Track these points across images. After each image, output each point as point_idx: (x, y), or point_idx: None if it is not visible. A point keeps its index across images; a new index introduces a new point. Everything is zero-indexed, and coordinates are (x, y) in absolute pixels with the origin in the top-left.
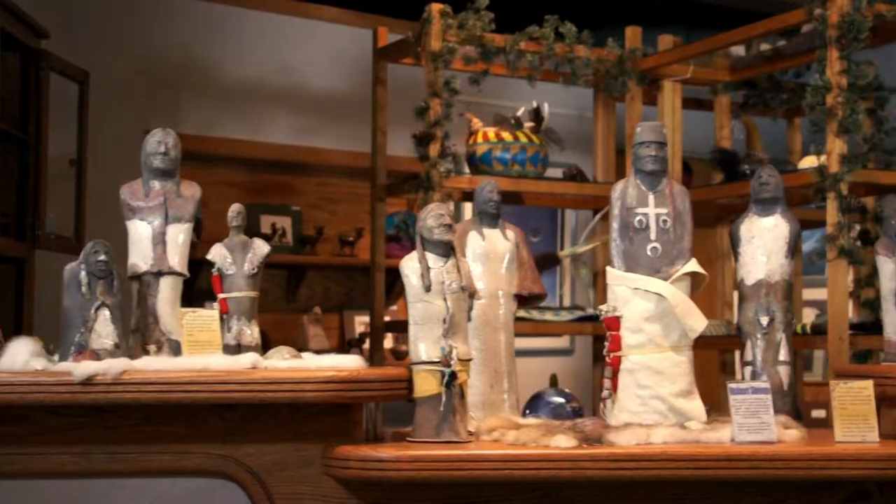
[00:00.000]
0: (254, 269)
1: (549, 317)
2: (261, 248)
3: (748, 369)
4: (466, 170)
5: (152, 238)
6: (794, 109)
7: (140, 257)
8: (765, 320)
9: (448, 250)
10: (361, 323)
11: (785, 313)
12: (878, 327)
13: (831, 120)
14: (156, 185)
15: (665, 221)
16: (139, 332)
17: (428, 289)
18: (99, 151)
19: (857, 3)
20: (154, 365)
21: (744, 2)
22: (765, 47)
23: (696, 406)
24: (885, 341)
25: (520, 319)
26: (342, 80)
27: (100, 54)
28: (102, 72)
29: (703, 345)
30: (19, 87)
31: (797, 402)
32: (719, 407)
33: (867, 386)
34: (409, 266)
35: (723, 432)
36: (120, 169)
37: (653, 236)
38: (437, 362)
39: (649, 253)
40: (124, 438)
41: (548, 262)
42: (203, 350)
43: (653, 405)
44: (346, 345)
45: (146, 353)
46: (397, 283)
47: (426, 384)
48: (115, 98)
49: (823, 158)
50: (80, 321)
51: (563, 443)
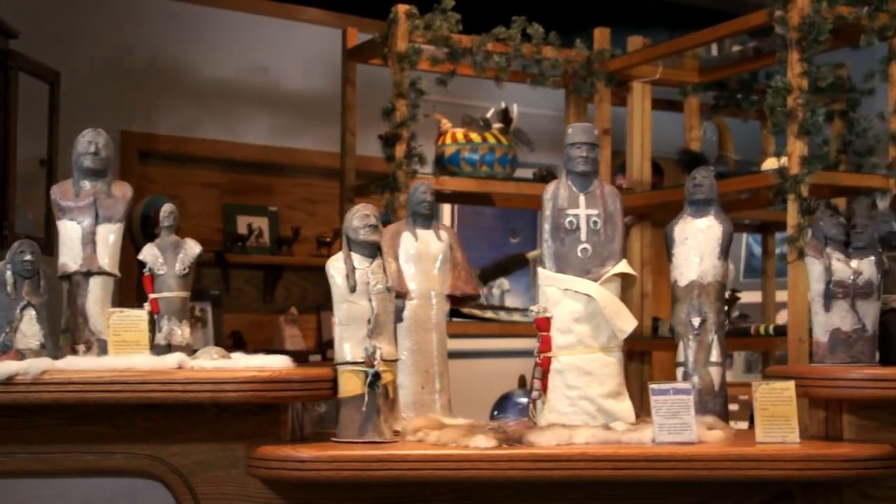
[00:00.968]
0: (185, 269)
1: (517, 318)
2: (192, 248)
3: (680, 370)
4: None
5: (82, 238)
6: None
7: (70, 257)
8: (696, 321)
9: (374, 251)
10: None
11: (717, 314)
12: None
13: (792, 122)
14: (86, 185)
15: (596, 223)
16: (69, 332)
17: (353, 289)
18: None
19: (817, 6)
20: (77, 365)
21: (722, 3)
22: (737, 48)
23: (624, 407)
24: (814, 343)
25: (489, 321)
26: (320, 81)
27: (72, 54)
28: (75, 72)
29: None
30: None
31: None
32: None
33: (789, 387)
34: (335, 266)
35: (645, 433)
36: None
37: (583, 237)
38: (361, 363)
39: (580, 254)
40: (49, 438)
41: (516, 263)
42: (130, 350)
43: (581, 406)
44: (323, 345)
45: (75, 352)
46: None
47: (350, 384)
48: (88, 99)
49: (784, 160)
50: (4, 321)
51: (482, 443)
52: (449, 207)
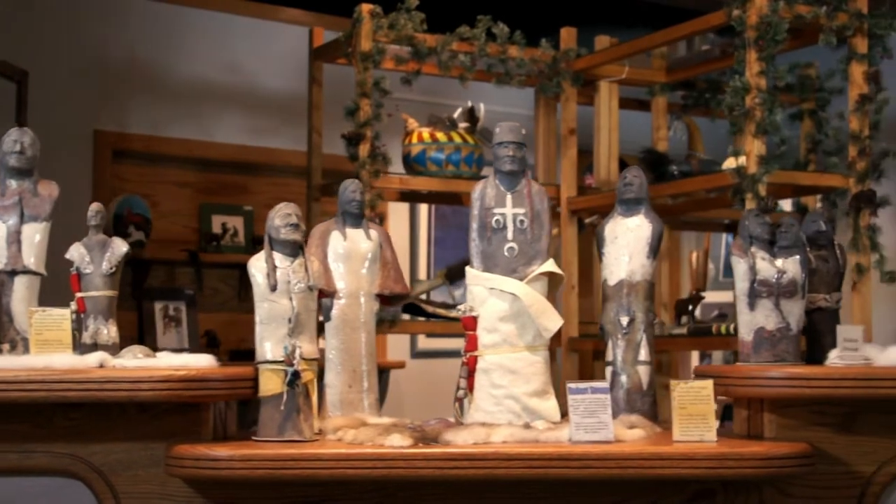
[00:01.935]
0: (112, 268)
1: None
2: (119, 247)
3: (609, 369)
4: (401, 170)
5: (7, 237)
6: None
7: None
8: (625, 320)
9: (295, 250)
10: None
11: (646, 313)
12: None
13: (749, 121)
14: (12, 184)
15: (522, 221)
16: None
17: (273, 288)
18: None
19: (775, 5)
20: None
21: (704, 4)
22: (706, 48)
23: (549, 406)
24: (739, 342)
25: (452, 320)
26: (294, 81)
27: (41, 53)
28: (44, 71)
29: None
30: None
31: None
32: None
33: (706, 386)
34: (256, 265)
35: (563, 432)
36: (65, 169)
37: (510, 236)
38: (281, 361)
39: (506, 253)
40: None
41: None
42: (52, 349)
43: (507, 405)
44: None
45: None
46: None
47: (270, 383)
48: (59, 98)
49: (742, 160)
50: None
51: (397, 442)
52: (426, 206)
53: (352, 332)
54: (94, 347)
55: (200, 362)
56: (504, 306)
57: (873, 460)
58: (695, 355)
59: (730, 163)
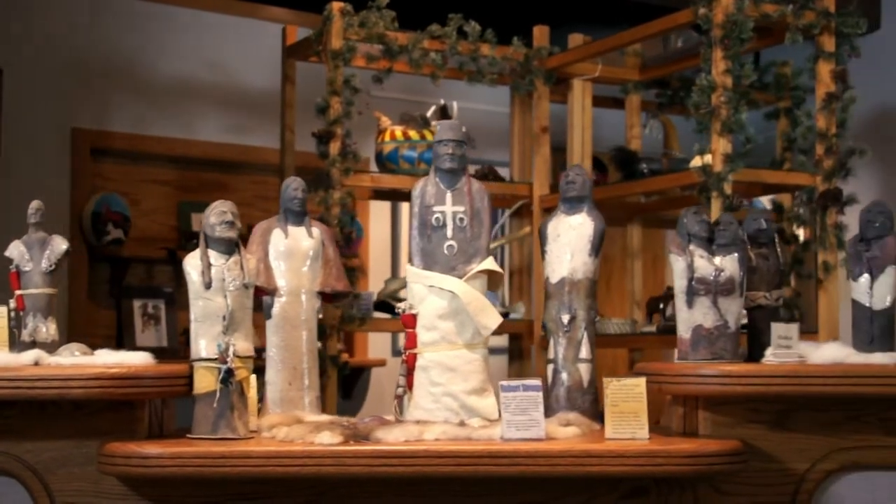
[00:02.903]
0: (51, 266)
1: None
2: (59, 245)
3: (550, 367)
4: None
5: None
6: None
7: None
8: (566, 318)
9: (231, 247)
10: None
11: (587, 311)
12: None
13: (715, 120)
14: None
15: (462, 219)
16: None
17: (208, 286)
18: (19, 150)
19: (741, 4)
20: None
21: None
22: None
23: (488, 403)
24: (678, 339)
25: None
26: (274, 79)
27: (19, 50)
28: (22, 68)
29: (610, 343)
30: None
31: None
32: None
33: (639, 384)
34: (191, 263)
35: (496, 430)
36: (43, 167)
37: (449, 234)
38: (215, 359)
39: (446, 251)
40: None
41: None
42: None
43: (445, 402)
44: None
45: None
46: None
47: (204, 381)
48: (35, 95)
49: (708, 157)
50: None
51: (327, 439)
52: (407, 205)
53: (293, 330)
54: (33, 345)
55: (135, 360)
56: (443, 304)
57: (807, 457)
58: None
59: (696, 161)
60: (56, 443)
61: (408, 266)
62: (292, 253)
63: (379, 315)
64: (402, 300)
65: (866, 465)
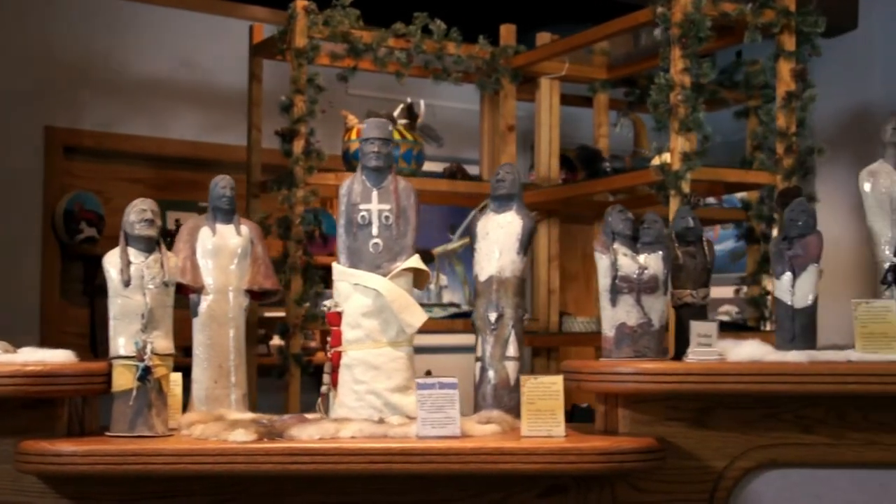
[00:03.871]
0: None
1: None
2: None
3: (477, 365)
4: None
5: None
6: None
7: None
8: (493, 316)
9: (151, 245)
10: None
11: (515, 309)
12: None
13: (673, 118)
14: None
15: (388, 217)
16: None
17: (127, 284)
18: None
19: (699, 2)
20: None
21: None
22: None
23: (411, 401)
24: (602, 337)
25: None
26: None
27: None
28: None
29: (576, 341)
30: None
31: None
32: None
33: (556, 381)
34: (110, 261)
35: (413, 428)
36: (15, 165)
37: (374, 232)
38: (133, 357)
39: (371, 249)
40: None
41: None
42: None
43: (368, 400)
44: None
45: None
46: None
47: (122, 379)
48: (7, 94)
49: (666, 156)
50: None
51: (240, 437)
52: None
53: (219, 328)
54: None
55: (56, 358)
56: (367, 302)
57: (725, 455)
58: None
59: (656, 159)
60: None
61: (334, 264)
62: (220, 251)
63: None
64: None
65: (783, 462)
